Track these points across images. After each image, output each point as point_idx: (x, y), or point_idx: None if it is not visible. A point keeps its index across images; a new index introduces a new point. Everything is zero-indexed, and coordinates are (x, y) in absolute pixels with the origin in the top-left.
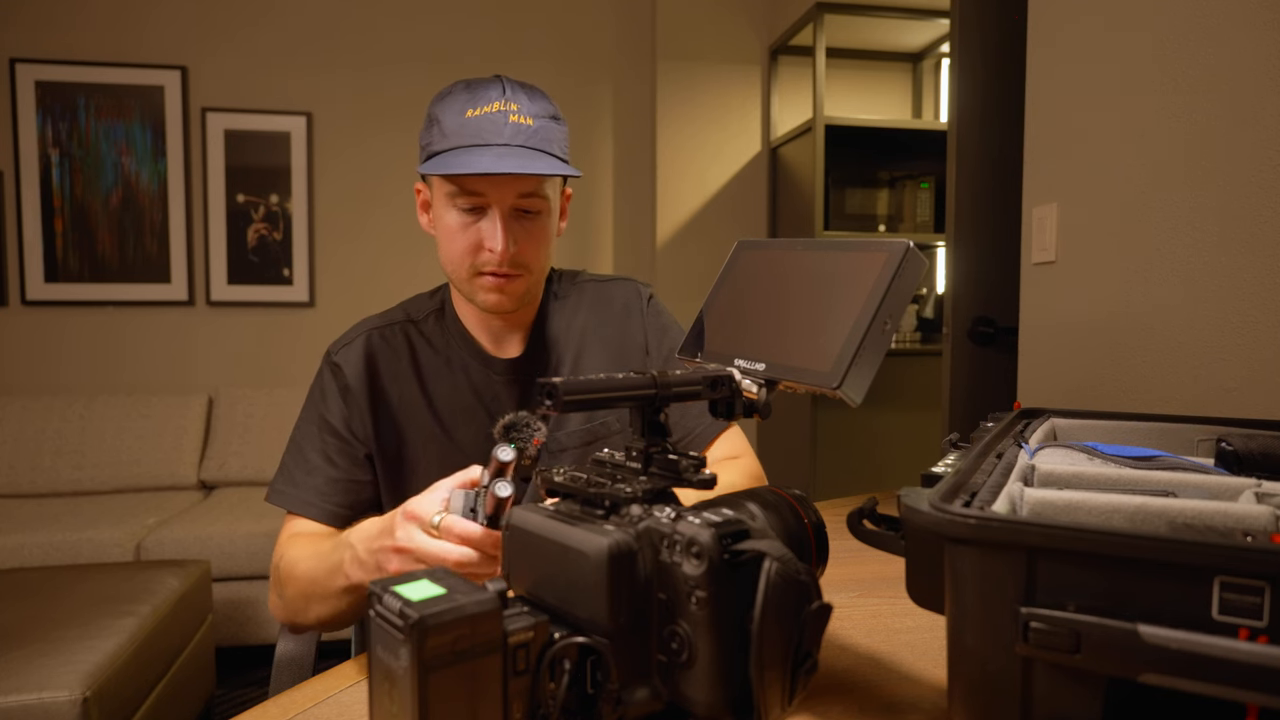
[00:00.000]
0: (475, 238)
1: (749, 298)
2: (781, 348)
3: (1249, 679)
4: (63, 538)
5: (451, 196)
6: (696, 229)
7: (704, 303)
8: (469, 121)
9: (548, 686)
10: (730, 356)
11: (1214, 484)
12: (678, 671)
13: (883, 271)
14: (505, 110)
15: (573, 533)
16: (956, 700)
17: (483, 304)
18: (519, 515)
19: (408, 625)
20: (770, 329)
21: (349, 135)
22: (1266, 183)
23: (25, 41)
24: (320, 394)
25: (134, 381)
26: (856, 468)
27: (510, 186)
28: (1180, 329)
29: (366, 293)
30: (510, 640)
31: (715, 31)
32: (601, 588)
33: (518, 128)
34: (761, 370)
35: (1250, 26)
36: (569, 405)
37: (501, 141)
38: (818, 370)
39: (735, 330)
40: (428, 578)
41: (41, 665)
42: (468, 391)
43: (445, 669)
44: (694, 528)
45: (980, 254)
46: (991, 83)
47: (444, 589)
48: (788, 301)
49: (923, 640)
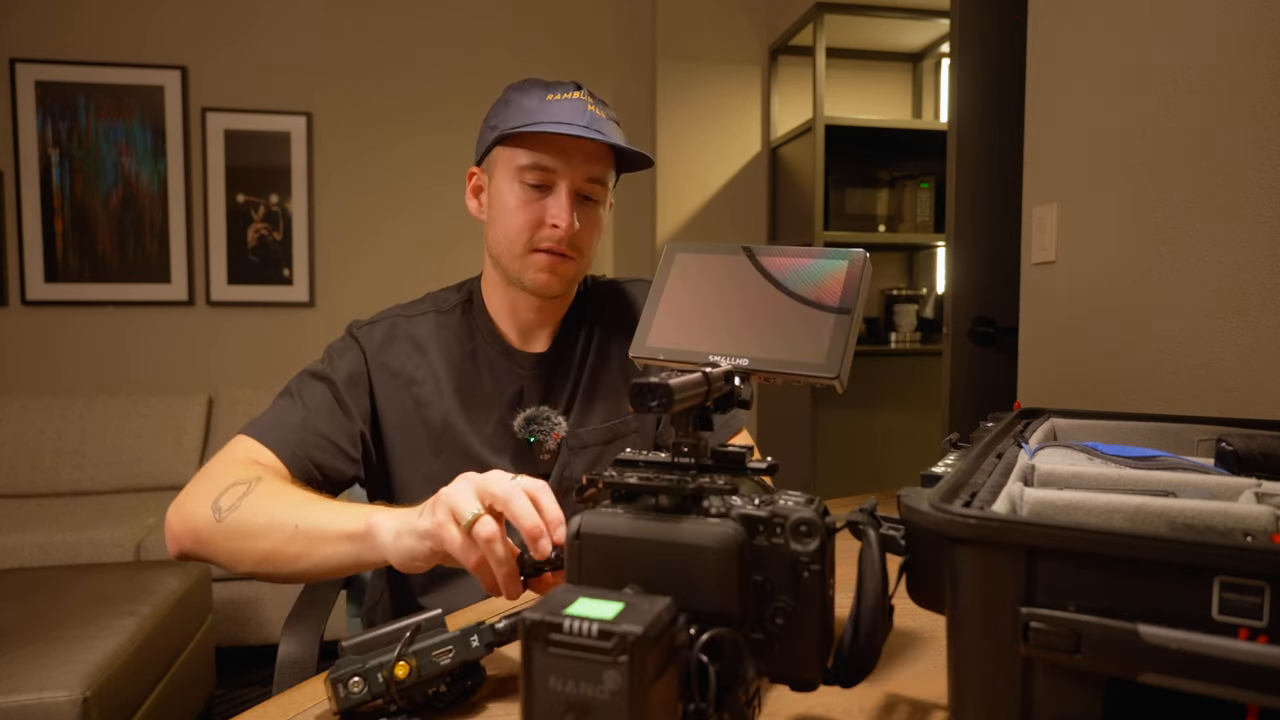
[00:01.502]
0: (539, 214)
1: (708, 300)
2: (767, 344)
3: (1249, 679)
4: (63, 538)
5: (521, 171)
6: (696, 229)
7: (647, 305)
8: (549, 104)
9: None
10: (704, 354)
11: (1214, 484)
12: (777, 646)
13: (854, 276)
14: (584, 100)
15: (681, 530)
16: (957, 700)
17: (532, 283)
18: (593, 523)
19: (626, 644)
20: (748, 328)
21: (349, 135)
22: (1266, 182)
23: (25, 41)
24: (329, 357)
25: (134, 381)
26: (856, 468)
27: (583, 167)
28: (1180, 329)
29: (366, 293)
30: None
31: (715, 31)
32: (731, 578)
33: (594, 116)
34: (747, 365)
35: (1250, 26)
36: (677, 405)
37: (583, 124)
38: (813, 363)
39: (701, 330)
40: (583, 597)
41: (41, 665)
42: (490, 384)
43: (654, 683)
44: (797, 509)
45: (980, 254)
46: (991, 83)
47: (618, 603)
48: (760, 303)
49: (923, 640)
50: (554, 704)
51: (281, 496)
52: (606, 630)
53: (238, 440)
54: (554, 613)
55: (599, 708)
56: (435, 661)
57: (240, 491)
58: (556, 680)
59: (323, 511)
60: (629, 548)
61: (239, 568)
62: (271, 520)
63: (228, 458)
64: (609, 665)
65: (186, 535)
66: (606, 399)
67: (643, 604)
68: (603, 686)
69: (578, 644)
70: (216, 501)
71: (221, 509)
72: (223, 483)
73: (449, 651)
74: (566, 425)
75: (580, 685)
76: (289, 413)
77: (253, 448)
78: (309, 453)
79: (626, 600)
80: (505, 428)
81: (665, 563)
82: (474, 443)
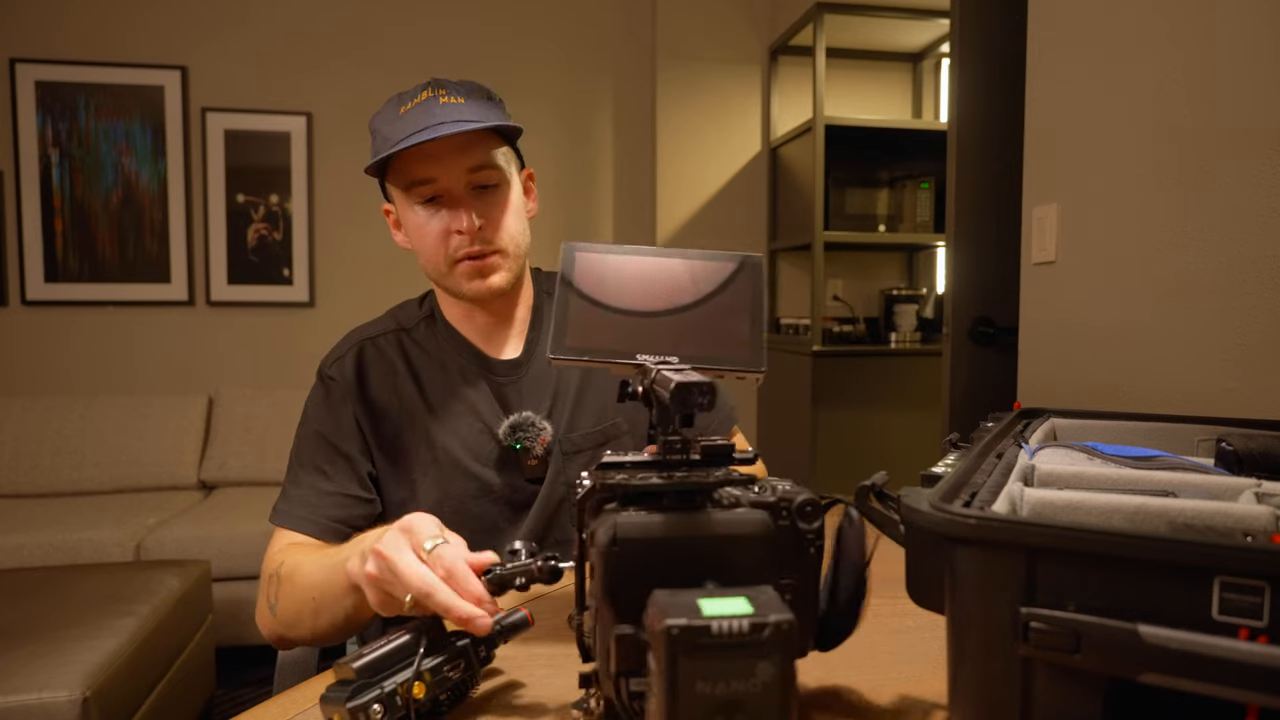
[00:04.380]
0: (441, 226)
1: (619, 300)
2: (691, 343)
3: (1249, 679)
4: (63, 538)
5: (408, 194)
6: (696, 229)
7: (556, 304)
8: (402, 119)
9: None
10: (629, 354)
11: (1214, 484)
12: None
13: (755, 277)
14: (433, 96)
15: (714, 522)
16: (956, 700)
17: (468, 293)
18: (628, 528)
19: (781, 632)
20: (668, 327)
21: (349, 135)
22: (1266, 182)
23: (25, 41)
24: (314, 409)
25: (134, 381)
26: (856, 468)
27: (456, 164)
28: (1180, 329)
29: (366, 293)
30: None
31: (715, 31)
32: (765, 562)
33: (448, 107)
34: (677, 363)
35: (1250, 26)
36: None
37: (436, 122)
38: (740, 359)
39: (620, 330)
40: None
41: (41, 665)
42: (467, 395)
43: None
44: (800, 493)
45: (980, 254)
46: (991, 83)
47: (736, 598)
48: (673, 302)
49: (923, 640)
50: (703, 709)
51: (299, 575)
52: (758, 623)
53: (275, 534)
54: (691, 617)
55: (751, 701)
56: (449, 677)
57: (276, 584)
58: (705, 684)
59: (329, 571)
60: (665, 547)
61: (321, 644)
62: (300, 601)
63: (269, 552)
64: (762, 657)
65: (272, 637)
66: (595, 400)
67: (757, 595)
68: (755, 680)
69: (727, 643)
70: (269, 600)
71: (274, 606)
72: (265, 581)
73: (459, 665)
74: (552, 430)
75: (731, 684)
76: (301, 485)
77: (284, 535)
78: (330, 514)
79: (742, 593)
80: (490, 436)
81: (701, 557)
82: (461, 456)
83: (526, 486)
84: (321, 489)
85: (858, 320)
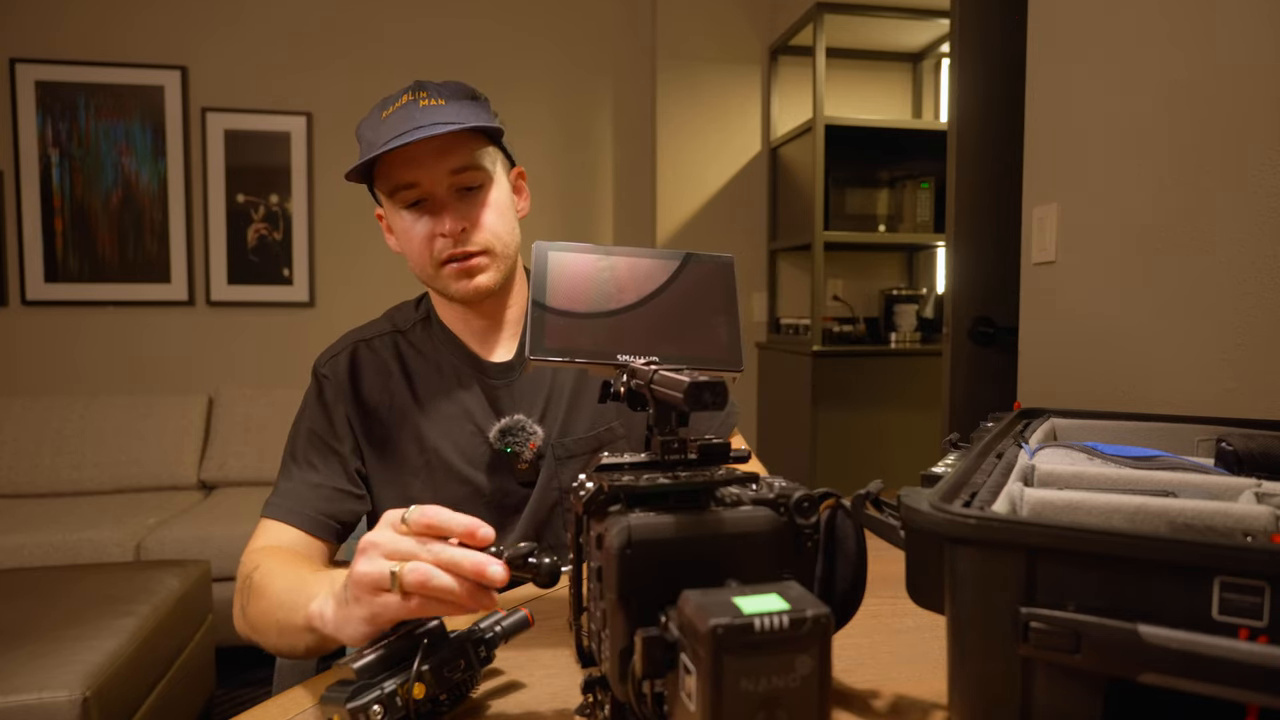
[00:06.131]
0: (426, 230)
1: (596, 300)
2: (670, 342)
3: (1249, 679)
4: (63, 538)
5: (394, 199)
6: (696, 229)
7: (532, 305)
8: (385, 123)
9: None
10: (610, 354)
11: (1214, 484)
12: None
13: (727, 278)
14: (415, 99)
15: (725, 521)
16: (956, 700)
17: (457, 294)
18: (641, 530)
19: (820, 626)
20: (647, 328)
21: (349, 135)
22: (1266, 182)
23: (25, 41)
24: (306, 406)
25: (134, 381)
26: (856, 468)
27: (438, 166)
28: (1180, 329)
29: (366, 292)
30: None
31: (715, 31)
32: (773, 559)
33: (429, 109)
34: (659, 363)
35: (1250, 26)
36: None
37: (415, 126)
38: (719, 358)
39: (598, 330)
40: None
41: (41, 665)
42: (460, 397)
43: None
44: (797, 489)
45: (980, 254)
46: (991, 83)
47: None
48: (649, 303)
49: (923, 640)
50: (747, 707)
51: (268, 591)
52: (797, 618)
53: (259, 525)
54: (733, 616)
55: (790, 696)
56: (449, 678)
57: (248, 592)
58: (748, 681)
59: (288, 605)
60: (682, 546)
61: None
62: (266, 617)
63: (249, 548)
64: (801, 651)
65: (245, 638)
66: (590, 404)
67: (786, 590)
68: (794, 674)
69: (769, 639)
70: (242, 603)
71: (244, 610)
72: (240, 581)
73: (459, 665)
74: (543, 434)
75: (773, 679)
76: (293, 478)
77: (270, 528)
78: (319, 508)
79: (771, 589)
80: (481, 440)
81: (713, 555)
82: (453, 458)
83: (518, 490)
84: (311, 482)
85: (858, 320)
